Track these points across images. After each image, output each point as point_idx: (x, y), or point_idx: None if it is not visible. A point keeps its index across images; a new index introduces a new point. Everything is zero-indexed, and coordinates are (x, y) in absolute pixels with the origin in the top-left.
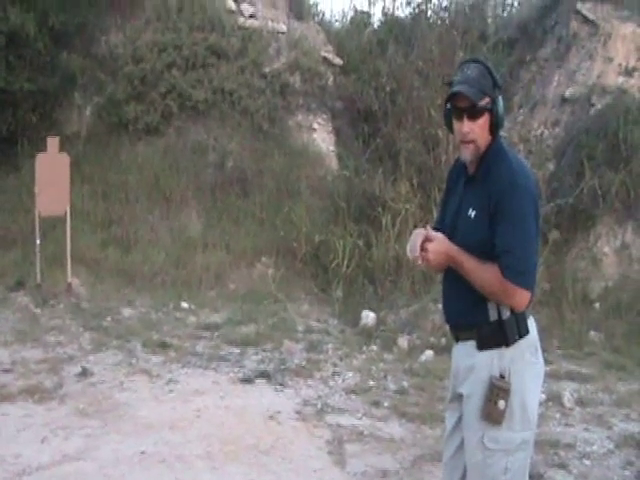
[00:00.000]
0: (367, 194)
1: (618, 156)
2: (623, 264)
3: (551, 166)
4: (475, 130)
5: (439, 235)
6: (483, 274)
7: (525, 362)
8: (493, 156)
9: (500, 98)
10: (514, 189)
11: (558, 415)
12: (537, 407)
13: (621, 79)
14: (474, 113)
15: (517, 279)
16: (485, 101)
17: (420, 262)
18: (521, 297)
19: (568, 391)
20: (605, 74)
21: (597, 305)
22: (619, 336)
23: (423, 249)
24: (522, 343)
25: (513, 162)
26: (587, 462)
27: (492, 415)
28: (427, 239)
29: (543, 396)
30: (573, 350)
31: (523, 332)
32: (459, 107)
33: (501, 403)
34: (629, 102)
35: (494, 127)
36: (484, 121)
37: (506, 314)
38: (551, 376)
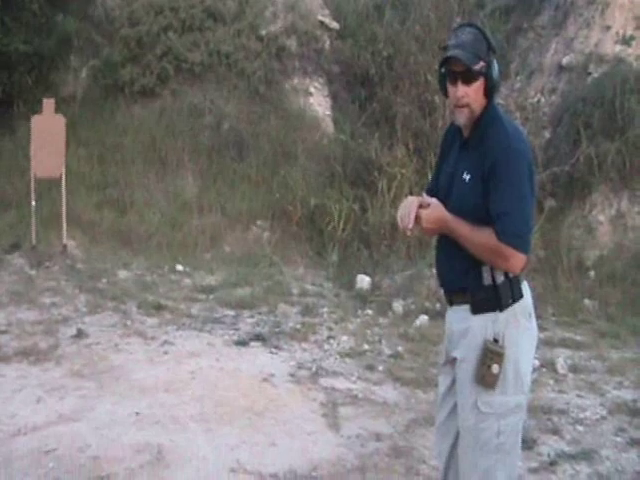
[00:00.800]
0: (363, 158)
1: (614, 125)
2: (618, 233)
3: (547, 134)
4: (469, 94)
5: (433, 200)
6: (478, 239)
7: (519, 326)
8: (488, 120)
9: (495, 62)
10: (509, 153)
11: (551, 381)
12: (530, 371)
13: (618, 48)
14: (468, 77)
15: (513, 242)
16: (480, 65)
17: (409, 233)
18: (516, 260)
19: (562, 358)
20: (602, 42)
21: (592, 273)
22: (613, 304)
23: (417, 218)
24: (516, 307)
25: (508, 127)
26: (580, 428)
27: (486, 379)
28: (421, 205)
29: (537, 362)
30: (567, 317)
31: (517, 296)
32: (454, 71)
33: (495, 367)
34: (626, 71)
35: (489, 91)
36: (479, 85)
37: (500, 278)
38: (545, 343)
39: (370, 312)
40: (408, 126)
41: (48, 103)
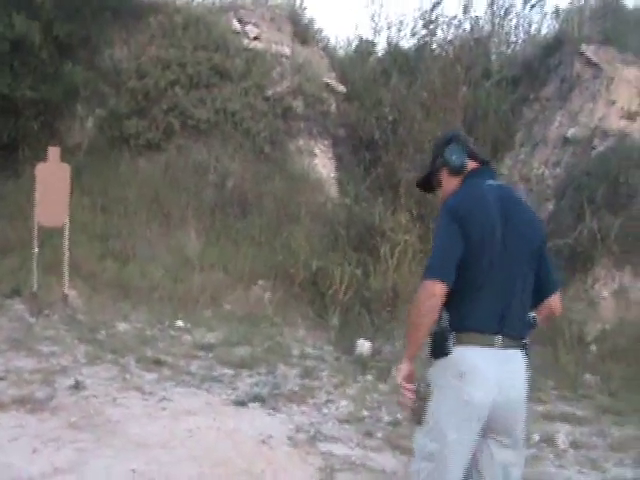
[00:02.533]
0: (367, 223)
1: (618, 199)
2: (620, 307)
3: (551, 206)
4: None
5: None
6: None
7: (444, 381)
8: None
9: (449, 150)
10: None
11: (552, 456)
12: (451, 428)
13: (623, 122)
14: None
15: (424, 274)
16: (437, 161)
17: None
18: (423, 287)
19: (562, 433)
20: (607, 117)
21: (593, 348)
22: (616, 380)
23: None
24: (443, 363)
25: (459, 192)
26: None
27: (414, 412)
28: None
29: (536, 437)
30: (568, 392)
31: (437, 352)
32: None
33: (420, 405)
34: (630, 146)
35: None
36: (444, 173)
37: (435, 328)
38: (545, 417)
39: (370, 377)
40: (412, 192)
41: (53, 151)
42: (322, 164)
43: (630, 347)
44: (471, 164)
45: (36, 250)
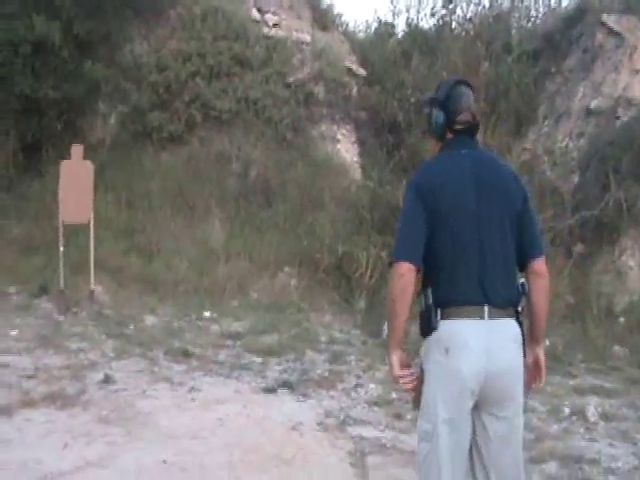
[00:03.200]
0: (391, 205)
1: None
2: None
3: (576, 178)
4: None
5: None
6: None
7: (431, 357)
8: None
9: (433, 111)
10: None
11: (582, 430)
12: (441, 405)
13: None
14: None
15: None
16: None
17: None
18: (392, 270)
19: (592, 405)
20: (631, 86)
21: (622, 319)
22: None
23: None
24: (430, 339)
25: (428, 165)
26: (612, 478)
27: (415, 396)
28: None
29: (567, 410)
30: (597, 365)
31: (425, 329)
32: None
33: (419, 388)
34: None
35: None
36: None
37: (421, 306)
38: (575, 390)
39: None
40: None
41: (76, 149)
42: (345, 149)
43: None
44: (451, 133)
45: (62, 248)
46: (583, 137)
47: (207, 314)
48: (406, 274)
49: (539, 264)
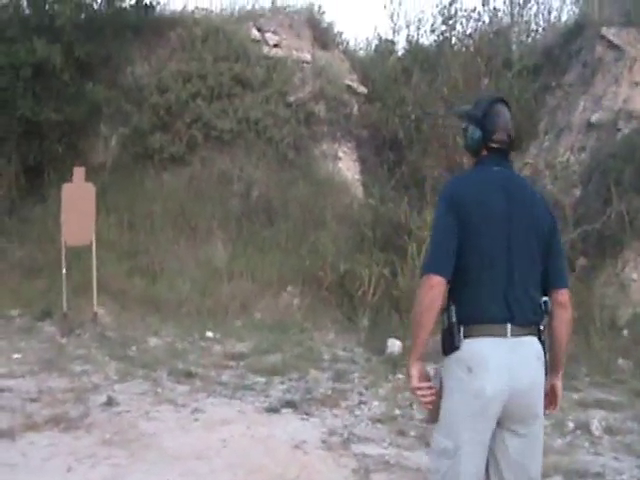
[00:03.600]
0: (393, 222)
1: None
2: None
3: (577, 192)
4: None
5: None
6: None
7: (453, 376)
8: None
9: (469, 127)
10: None
11: (587, 443)
12: (463, 424)
13: None
14: None
15: (421, 271)
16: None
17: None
18: (421, 283)
19: (597, 419)
20: (631, 99)
21: (625, 332)
22: None
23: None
24: (452, 357)
25: (461, 177)
26: None
27: (431, 411)
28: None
29: (571, 424)
30: (601, 378)
31: (447, 347)
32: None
33: (436, 402)
34: None
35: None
36: None
37: (444, 324)
38: (579, 404)
39: (401, 376)
40: (437, 189)
41: (78, 171)
42: (346, 167)
43: None
44: (485, 151)
45: (64, 271)
46: (584, 151)
47: (210, 334)
48: (436, 287)
49: (562, 295)
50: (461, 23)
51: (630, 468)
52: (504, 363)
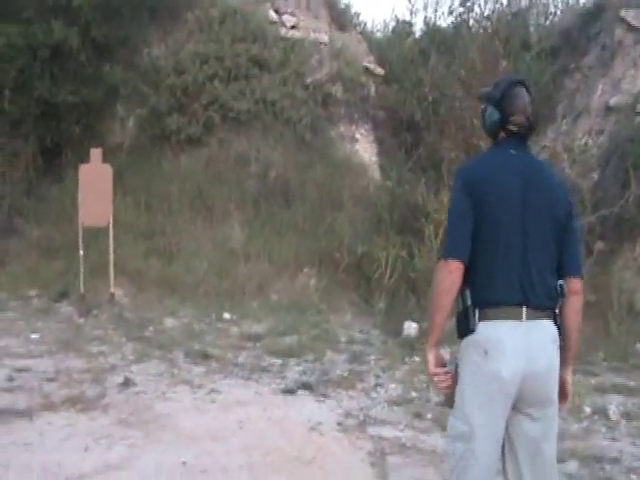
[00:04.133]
0: (410, 204)
1: None
2: None
3: (595, 176)
4: None
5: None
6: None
7: (467, 360)
8: None
9: (487, 109)
10: None
11: (604, 429)
12: (478, 407)
13: None
14: None
15: (439, 254)
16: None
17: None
18: (440, 267)
19: (614, 404)
20: None
21: None
22: None
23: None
24: (468, 340)
25: (478, 158)
26: (634, 477)
27: (447, 395)
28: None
29: (588, 409)
30: (619, 362)
31: (462, 330)
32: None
33: (453, 387)
34: None
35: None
36: None
37: (459, 308)
38: (596, 389)
39: (418, 359)
40: (454, 171)
41: (95, 153)
42: (363, 149)
43: None
44: (504, 133)
45: (82, 252)
46: (602, 134)
47: (227, 316)
48: (455, 271)
49: (575, 283)
50: (479, 5)
51: None
52: (520, 346)
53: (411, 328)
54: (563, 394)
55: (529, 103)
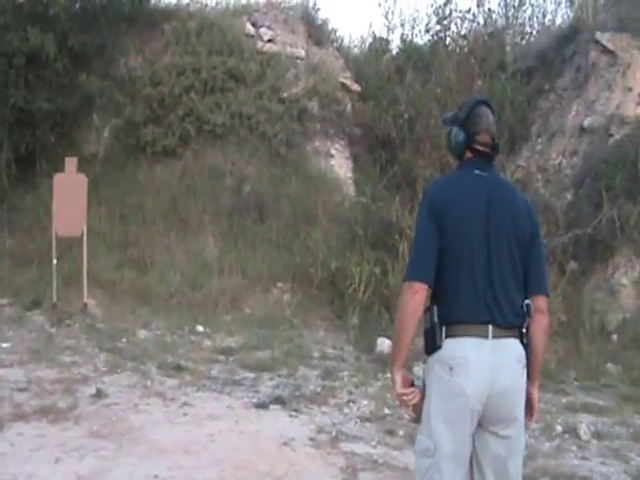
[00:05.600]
0: (384, 221)
1: (637, 186)
2: None
3: (569, 196)
4: None
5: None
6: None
7: (433, 376)
8: None
9: (453, 129)
10: None
11: (574, 448)
12: (443, 423)
13: None
14: None
15: (404, 275)
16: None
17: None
18: (404, 288)
19: (585, 424)
20: (624, 104)
21: (615, 337)
22: (637, 368)
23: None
24: (435, 356)
25: (443, 179)
26: None
27: (415, 412)
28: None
29: (559, 428)
30: (590, 382)
31: (429, 347)
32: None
33: (420, 403)
34: None
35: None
36: None
37: (426, 324)
38: (567, 408)
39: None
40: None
41: (70, 162)
42: (339, 164)
43: None
44: (469, 154)
45: (55, 261)
46: (576, 155)
47: (200, 328)
48: (419, 293)
49: (541, 301)
50: (456, 24)
51: (617, 473)
52: (485, 364)
53: (384, 344)
54: (531, 410)
55: (493, 123)
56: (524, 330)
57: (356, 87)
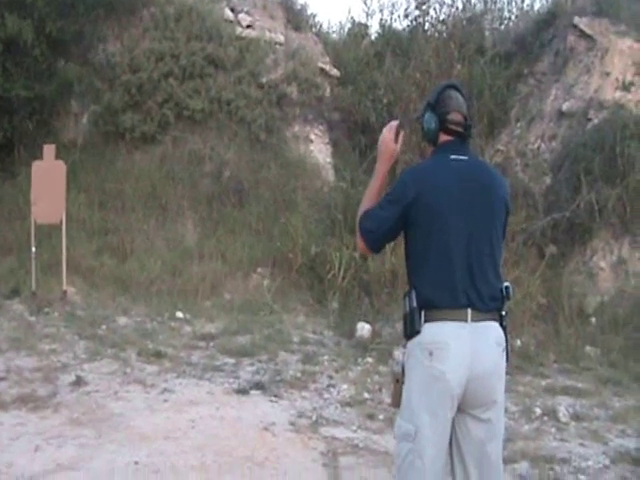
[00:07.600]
0: None
1: (615, 171)
2: (619, 279)
3: (548, 180)
4: None
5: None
6: (367, 199)
7: (415, 360)
8: None
9: (426, 115)
10: None
11: (553, 430)
12: (423, 407)
13: (618, 94)
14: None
15: (360, 223)
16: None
17: None
18: (359, 239)
19: (563, 406)
20: (602, 89)
21: (593, 320)
22: (615, 351)
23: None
24: (414, 341)
25: (420, 165)
26: (582, 477)
27: (394, 396)
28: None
29: (538, 410)
30: (569, 365)
31: (409, 331)
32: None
33: (394, 387)
34: (626, 117)
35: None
36: None
37: (405, 310)
38: (547, 390)
39: (370, 360)
40: None
41: (49, 149)
42: (318, 149)
43: (629, 318)
44: (443, 137)
45: (34, 249)
46: (555, 139)
47: (180, 315)
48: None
49: None
50: (434, 9)
51: (596, 454)
52: (465, 347)
53: (364, 329)
54: None
55: (464, 103)
56: (503, 313)
57: (335, 72)
